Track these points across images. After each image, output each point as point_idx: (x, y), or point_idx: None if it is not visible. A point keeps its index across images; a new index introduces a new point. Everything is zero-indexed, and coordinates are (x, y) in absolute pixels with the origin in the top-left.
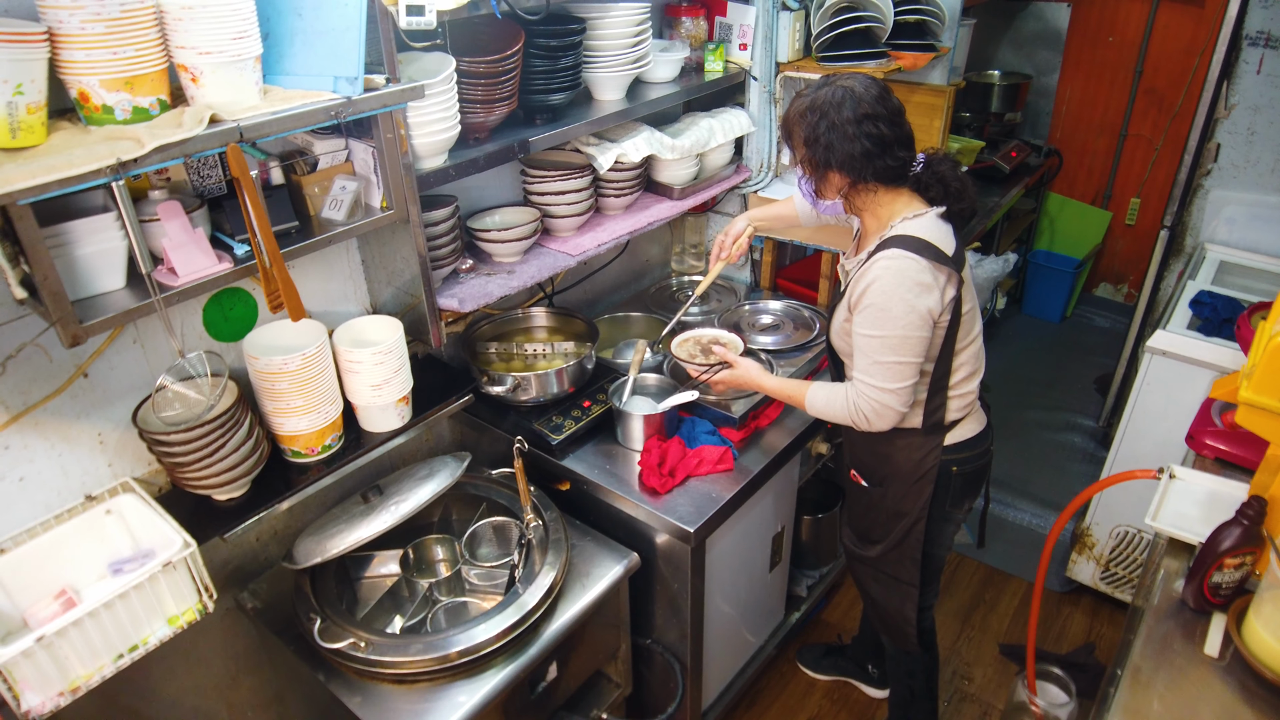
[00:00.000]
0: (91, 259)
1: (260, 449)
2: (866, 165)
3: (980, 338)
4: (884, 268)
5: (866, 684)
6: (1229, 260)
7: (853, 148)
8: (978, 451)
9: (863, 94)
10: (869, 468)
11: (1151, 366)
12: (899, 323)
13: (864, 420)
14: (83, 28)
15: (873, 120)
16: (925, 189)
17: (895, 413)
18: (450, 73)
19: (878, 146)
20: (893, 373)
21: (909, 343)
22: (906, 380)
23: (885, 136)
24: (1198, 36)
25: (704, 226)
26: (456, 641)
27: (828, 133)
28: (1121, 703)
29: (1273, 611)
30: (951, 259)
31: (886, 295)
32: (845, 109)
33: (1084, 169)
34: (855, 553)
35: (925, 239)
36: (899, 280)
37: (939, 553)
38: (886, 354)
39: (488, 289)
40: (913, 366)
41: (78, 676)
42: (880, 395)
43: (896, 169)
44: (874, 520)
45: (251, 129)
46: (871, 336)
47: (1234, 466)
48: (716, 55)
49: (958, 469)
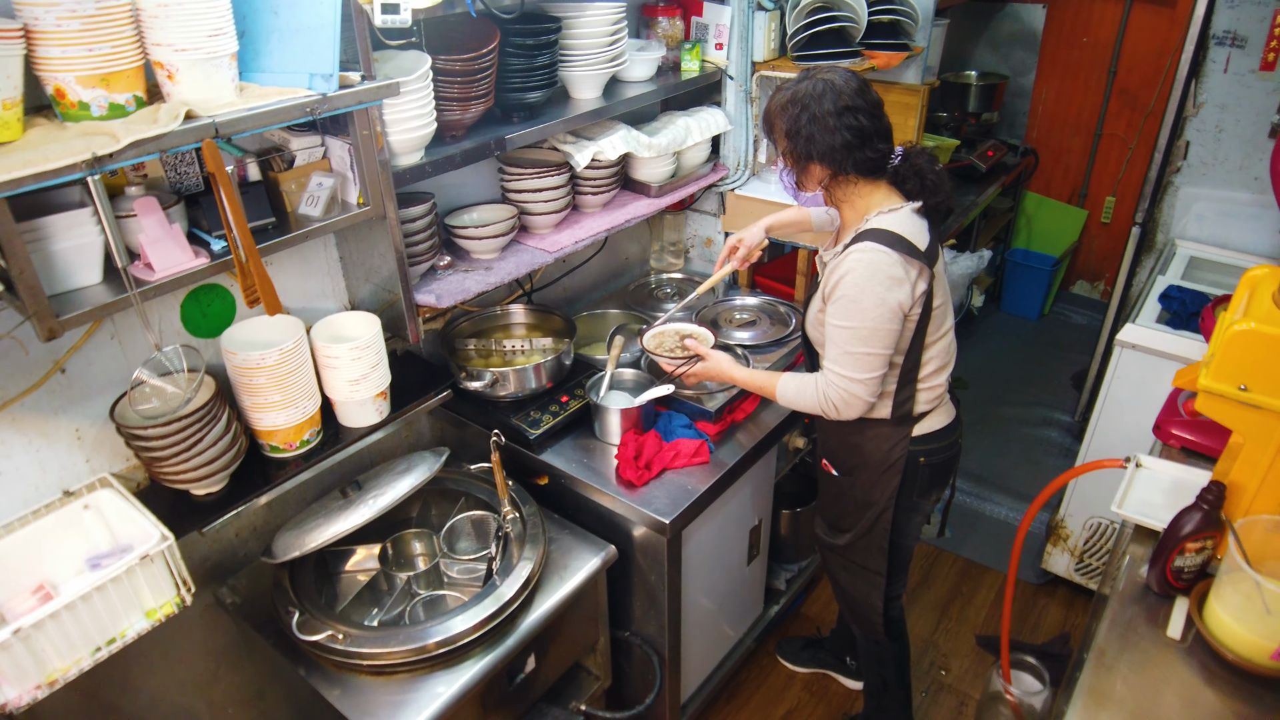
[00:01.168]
0: (68, 254)
1: (238, 444)
2: (847, 156)
3: (951, 332)
4: (857, 260)
5: (844, 675)
6: (1198, 256)
7: (833, 139)
8: (946, 443)
9: (843, 87)
10: (839, 457)
11: (1122, 360)
12: (869, 315)
13: (832, 409)
14: (59, 24)
15: (853, 112)
16: (903, 182)
17: (863, 402)
18: (426, 70)
19: (858, 138)
20: (862, 363)
21: (878, 334)
22: (875, 371)
23: (865, 128)
24: (1169, 37)
25: (682, 224)
26: (434, 633)
27: (809, 125)
28: (1086, 685)
29: (1232, 594)
30: (924, 253)
31: (858, 287)
32: (826, 101)
33: (1060, 168)
34: (826, 541)
35: (899, 233)
36: (871, 273)
37: (907, 542)
38: (856, 345)
39: (465, 285)
40: (881, 358)
41: (55, 670)
42: (849, 385)
43: (876, 160)
44: (844, 509)
45: (227, 125)
46: (843, 327)
47: (1199, 455)
48: (693, 55)
49: (925, 460)
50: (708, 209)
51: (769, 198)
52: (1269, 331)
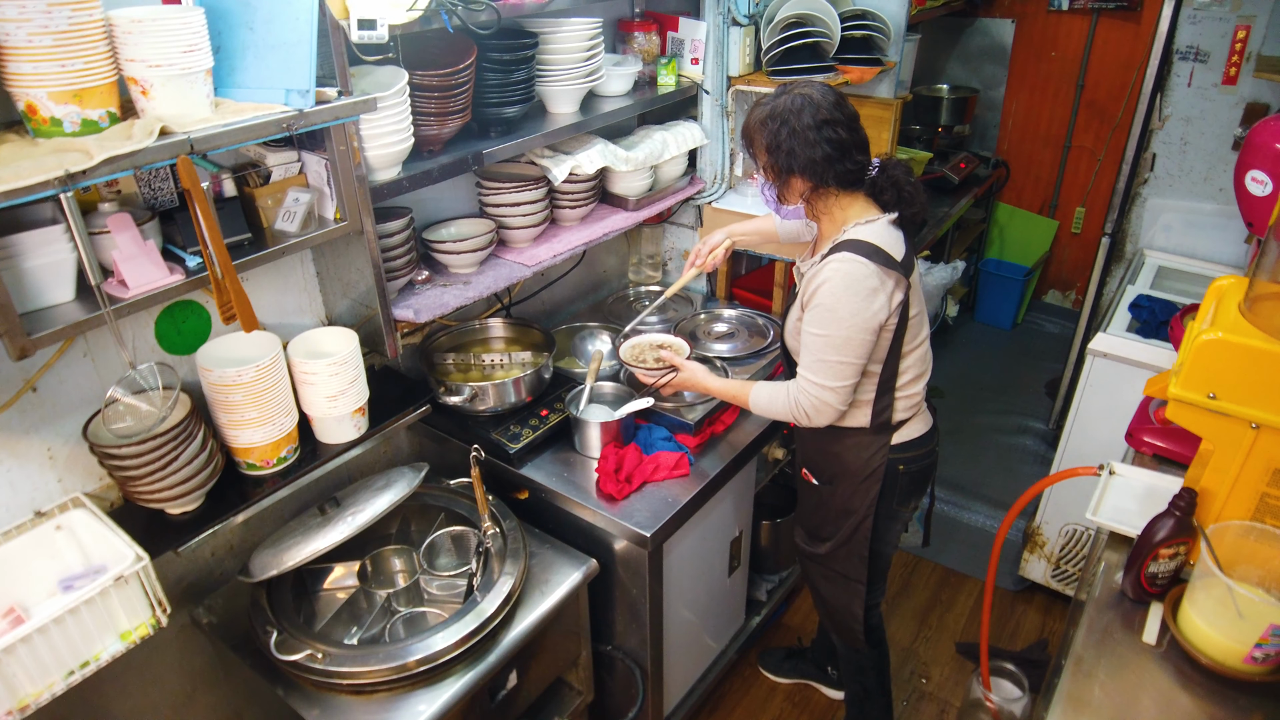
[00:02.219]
0: (40, 271)
1: (214, 462)
2: (828, 169)
3: (927, 342)
4: (834, 270)
5: (826, 685)
6: (1166, 265)
7: (813, 153)
8: (924, 451)
9: (820, 100)
10: (819, 466)
11: (1094, 368)
12: (844, 324)
13: (804, 416)
14: (30, 40)
15: (831, 125)
16: (880, 193)
17: (834, 410)
18: (403, 86)
19: (837, 151)
20: (835, 371)
21: (851, 344)
22: (847, 380)
23: (844, 141)
24: (1135, 51)
25: (660, 237)
26: (415, 650)
27: (789, 139)
28: (1065, 691)
29: (1205, 599)
30: (900, 264)
31: (835, 296)
32: (805, 115)
33: (1031, 179)
34: (806, 550)
35: (876, 244)
36: (847, 283)
37: (886, 551)
38: (830, 353)
39: (444, 300)
40: (854, 367)
41: (27, 694)
42: (820, 392)
43: (855, 172)
44: (823, 518)
45: (202, 141)
46: (818, 335)
47: (1171, 462)
48: (669, 69)
49: (904, 468)
50: (685, 222)
51: (745, 210)
52: (1236, 340)
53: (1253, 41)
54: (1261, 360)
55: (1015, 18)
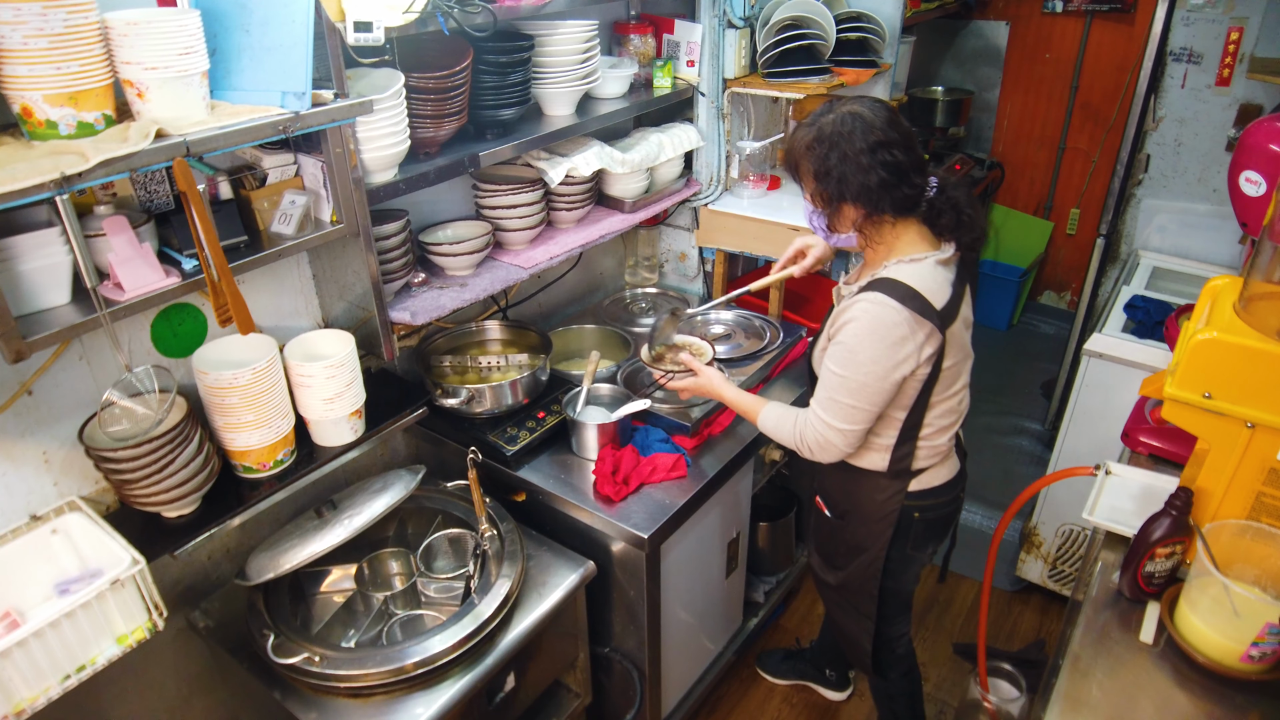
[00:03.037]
0: (35, 274)
1: (210, 465)
2: (883, 196)
3: (964, 392)
4: (863, 310)
5: (824, 687)
6: (1161, 266)
7: (868, 178)
8: (945, 499)
9: (873, 119)
10: (833, 498)
11: (1089, 368)
12: (862, 369)
13: (806, 449)
14: (25, 43)
15: (887, 147)
16: (937, 216)
17: (838, 450)
18: (399, 88)
19: (895, 175)
20: (845, 414)
21: (867, 390)
22: (857, 425)
23: (901, 164)
24: (1129, 53)
25: (657, 240)
26: (412, 653)
27: (840, 164)
28: (1062, 691)
29: (1201, 598)
30: (939, 313)
31: (858, 339)
32: (857, 137)
33: (1025, 181)
34: (819, 576)
35: (914, 287)
36: (873, 327)
37: (905, 587)
38: (844, 394)
39: (440, 302)
40: (867, 413)
41: (23, 699)
42: (827, 431)
43: (913, 197)
44: (835, 549)
45: (198, 143)
46: (834, 373)
47: (1167, 461)
48: (665, 72)
49: (920, 515)
50: (681, 224)
51: (742, 212)
52: (1231, 340)
53: (1246, 43)
54: (1256, 360)
55: (1010, 20)
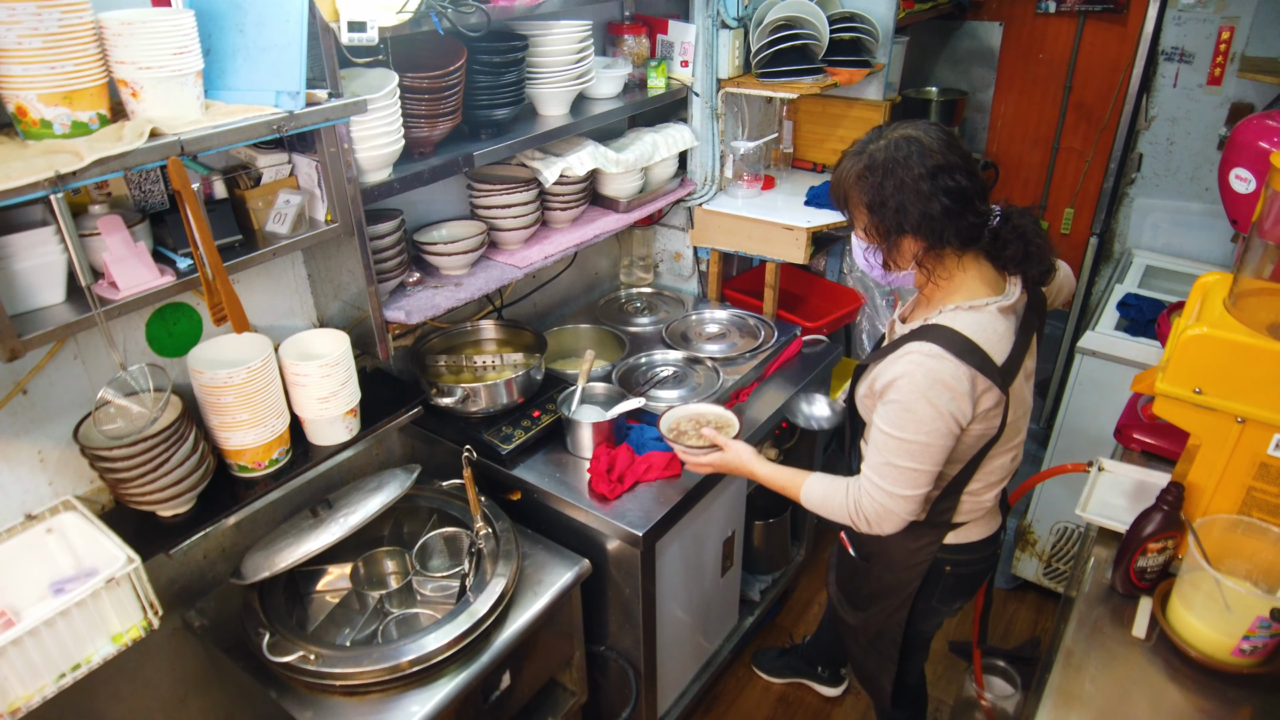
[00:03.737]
0: (30, 273)
1: (206, 464)
2: (947, 226)
3: (1020, 447)
4: (916, 364)
5: (820, 684)
6: (1154, 264)
7: (929, 207)
8: (979, 556)
9: (930, 143)
10: (859, 539)
11: (1082, 366)
12: (923, 428)
13: (864, 522)
14: (20, 42)
15: (948, 172)
16: (1003, 247)
17: (900, 520)
18: (393, 88)
19: (958, 203)
20: (906, 479)
21: (930, 451)
22: (920, 489)
23: (965, 190)
24: (1121, 53)
25: (651, 240)
26: (407, 651)
27: (897, 193)
28: (1055, 686)
29: (1193, 593)
30: (1000, 368)
31: (913, 395)
32: (914, 164)
33: (1020, 181)
34: (839, 613)
35: (972, 339)
36: (930, 381)
37: (927, 631)
38: (903, 458)
39: (435, 301)
40: (929, 474)
41: (18, 698)
42: (886, 500)
43: (978, 226)
44: (857, 590)
45: (193, 142)
46: (890, 435)
47: (1159, 458)
48: (659, 72)
49: (951, 569)
50: (676, 224)
51: (736, 212)
52: (1221, 336)
53: (1237, 42)
54: (1246, 355)
55: (1003, 21)
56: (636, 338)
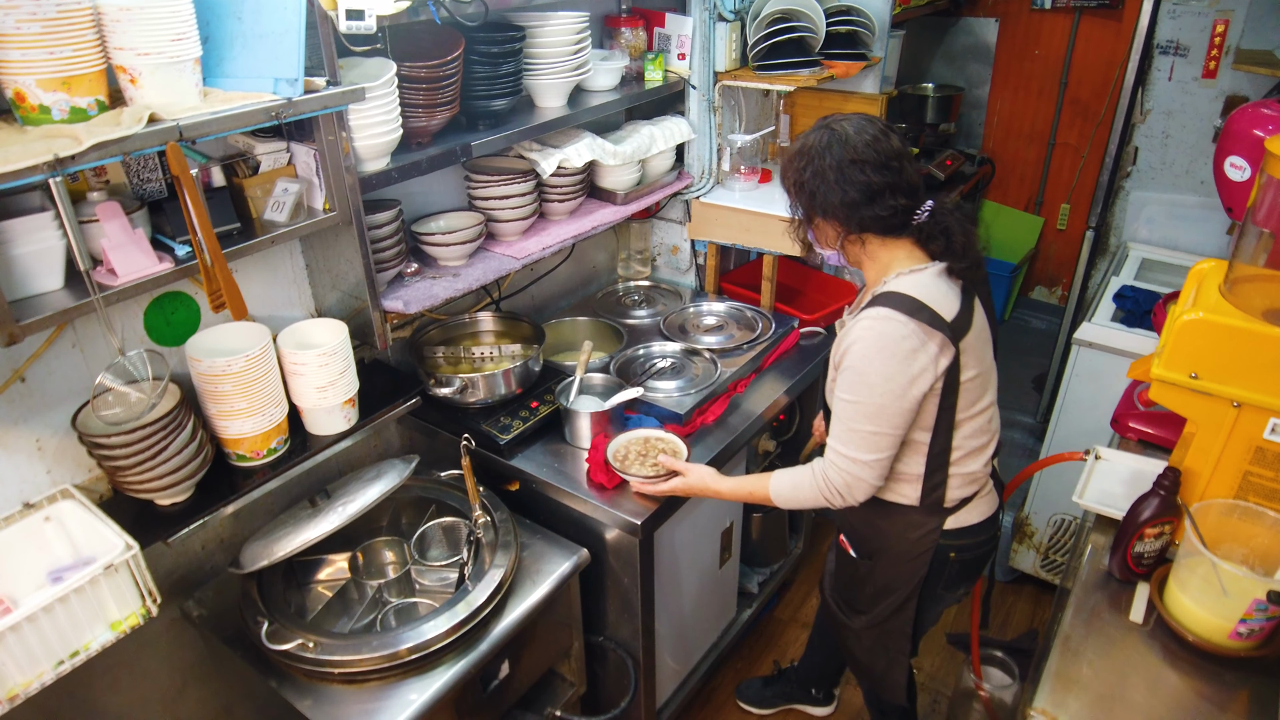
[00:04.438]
0: (28, 259)
1: (204, 452)
2: (853, 214)
3: (992, 409)
4: (867, 328)
5: (811, 706)
6: (1150, 257)
7: (837, 196)
8: (981, 539)
9: (853, 137)
10: (861, 537)
11: (1079, 358)
12: (876, 390)
13: (836, 495)
14: (18, 27)
15: (859, 166)
16: (928, 240)
17: (868, 485)
18: (391, 76)
19: (864, 195)
20: (867, 442)
21: (886, 412)
22: (882, 452)
23: (873, 184)
24: (1117, 48)
25: (649, 233)
26: (406, 639)
27: (813, 180)
28: (1053, 670)
29: (1190, 577)
30: (950, 324)
31: (866, 359)
32: (831, 155)
33: (1016, 177)
34: (839, 618)
35: (919, 299)
36: (880, 343)
37: (931, 619)
38: (862, 422)
39: (433, 291)
40: (890, 438)
41: (16, 684)
42: (851, 466)
43: (888, 219)
44: (860, 593)
45: (191, 128)
46: (848, 401)
47: (1155, 447)
48: (656, 65)
49: (956, 555)
50: (673, 217)
51: (733, 205)
52: (1217, 320)
53: (1231, 35)
54: (1242, 339)
55: (999, 17)
56: (634, 330)
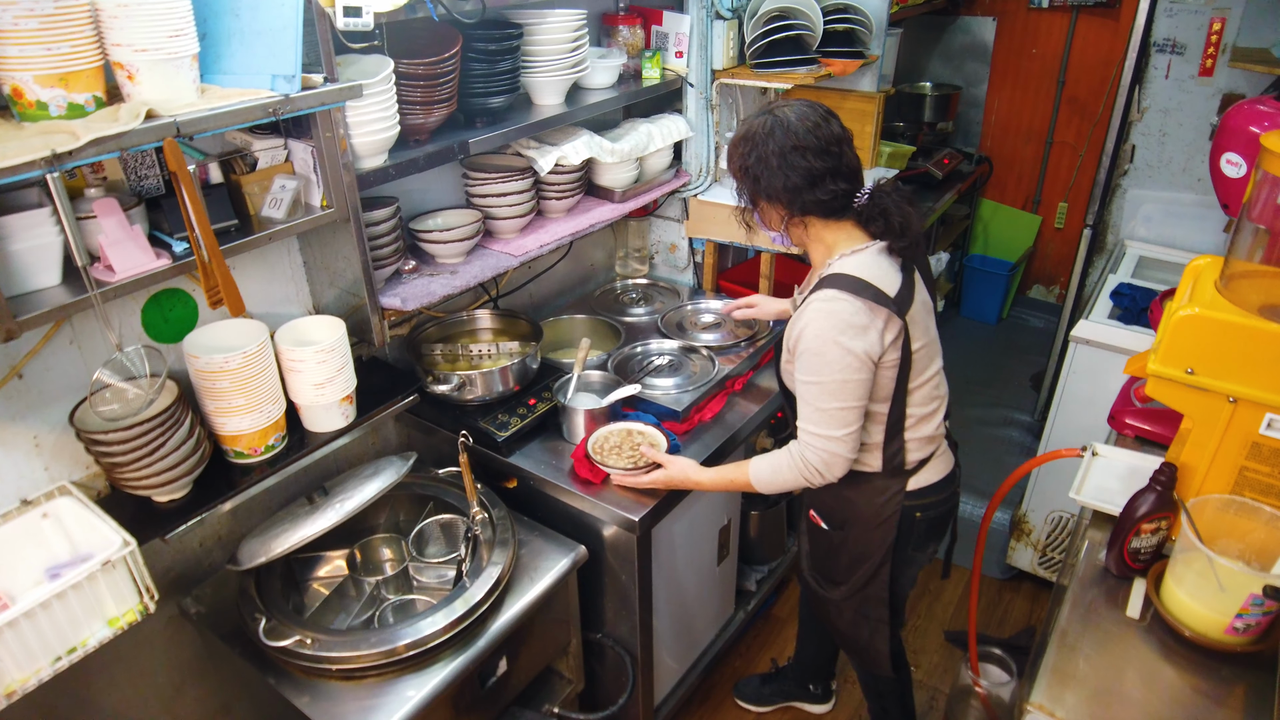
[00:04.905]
0: (26, 255)
1: (202, 449)
2: (795, 198)
3: (939, 375)
4: (817, 310)
5: (809, 703)
6: (1147, 255)
7: (780, 181)
8: (943, 496)
9: (795, 123)
10: (829, 509)
11: (1076, 355)
12: (835, 367)
13: (815, 474)
14: (16, 23)
15: (800, 152)
16: (868, 222)
17: (844, 460)
18: (388, 73)
19: (806, 180)
20: (836, 419)
21: (849, 386)
22: (851, 425)
23: (815, 169)
24: (1114, 47)
25: (646, 231)
26: (403, 635)
27: (757, 165)
28: (1050, 665)
29: (1187, 572)
30: (894, 299)
31: (820, 339)
32: (773, 140)
33: (1014, 175)
34: (819, 593)
35: (863, 278)
36: (832, 323)
37: (903, 589)
38: (827, 400)
39: (431, 288)
40: (855, 410)
41: (13, 680)
42: (827, 444)
43: (829, 202)
44: (836, 564)
45: (189, 124)
46: (811, 383)
47: (1152, 443)
48: (653, 63)
49: (921, 515)
50: (671, 215)
51: (731, 203)
52: (1213, 316)
53: (1228, 33)
54: (1238, 334)
55: (996, 16)
56: (632, 328)
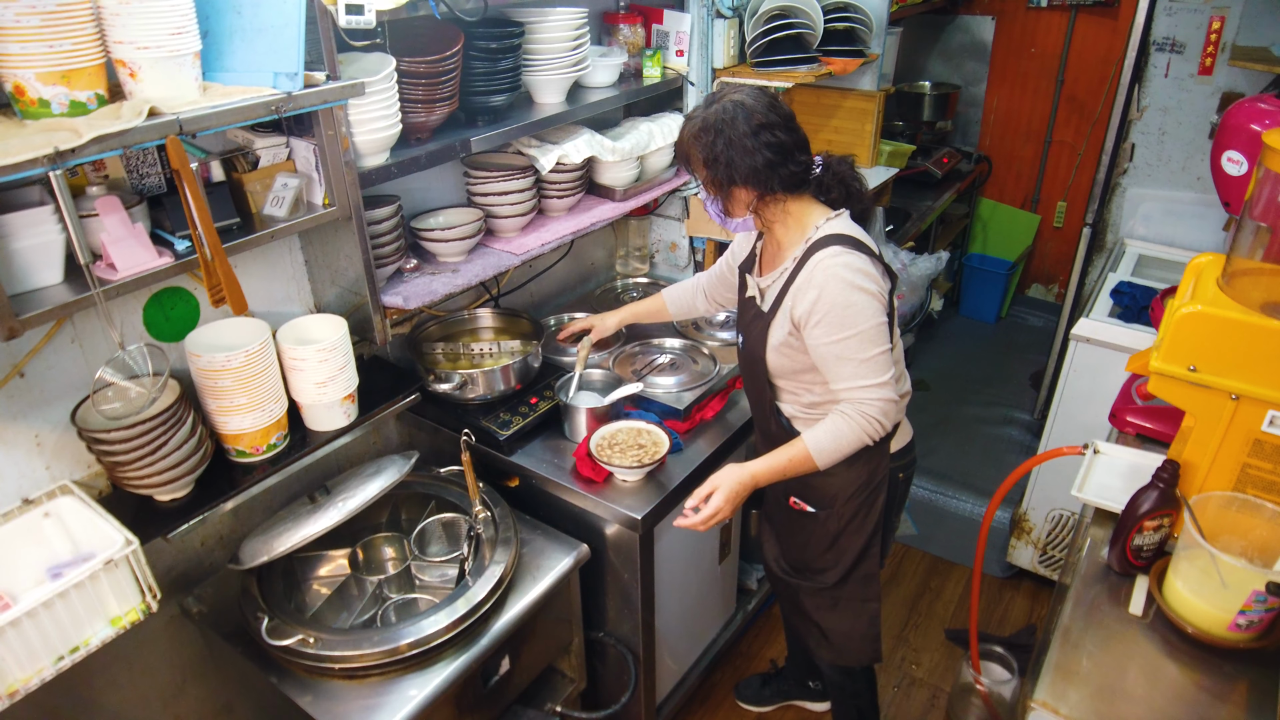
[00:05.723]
0: (28, 253)
1: (203, 448)
2: (771, 175)
3: (898, 344)
4: (827, 269)
5: (810, 700)
6: (1146, 254)
7: (754, 160)
8: (910, 459)
9: (753, 105)
10: (816, 490)
11: (1077, 353)
12: (867, 313)
13: (878, 428)
14: (17, 20)
15: (769, 129)
16: (826, 191)
17: (896, 405)
18: (390, 71)
19: (779, 155)
20: (881, 364)
21: (882, 330)
22: (892, 369)
23: (784, 143)
24: (1113, 45)
25: (647, 230)
26: (406, 634)
27: (726, 149)
28: (1053, 663)
29: (1189, 569)
30: (880, 256)
31: (845, 291)
32: (740, 123)
33: (1013, 174)
34: (804, 585)
35: (857, 237)
36: (850, 273)
37: (885, 554)
38: (869, 348)
39: (432, 287)
40: (890, 353)
41: (16, 680)
42: (880, 391)
43: (799, 174)
44: (820, 547)
45: (191, 122)
46: (848, 338)
47: (1153, 441)
48: (654, 61)
49: (903, 475)
50: (672, 214)
51: None
52: (1215, 313)
53: (1227, 32)
54: (1240, 332)
55: (995, 15)
56: (633, 326)
